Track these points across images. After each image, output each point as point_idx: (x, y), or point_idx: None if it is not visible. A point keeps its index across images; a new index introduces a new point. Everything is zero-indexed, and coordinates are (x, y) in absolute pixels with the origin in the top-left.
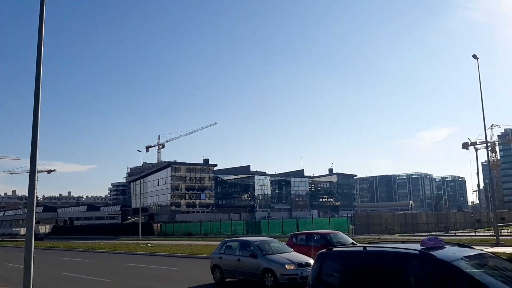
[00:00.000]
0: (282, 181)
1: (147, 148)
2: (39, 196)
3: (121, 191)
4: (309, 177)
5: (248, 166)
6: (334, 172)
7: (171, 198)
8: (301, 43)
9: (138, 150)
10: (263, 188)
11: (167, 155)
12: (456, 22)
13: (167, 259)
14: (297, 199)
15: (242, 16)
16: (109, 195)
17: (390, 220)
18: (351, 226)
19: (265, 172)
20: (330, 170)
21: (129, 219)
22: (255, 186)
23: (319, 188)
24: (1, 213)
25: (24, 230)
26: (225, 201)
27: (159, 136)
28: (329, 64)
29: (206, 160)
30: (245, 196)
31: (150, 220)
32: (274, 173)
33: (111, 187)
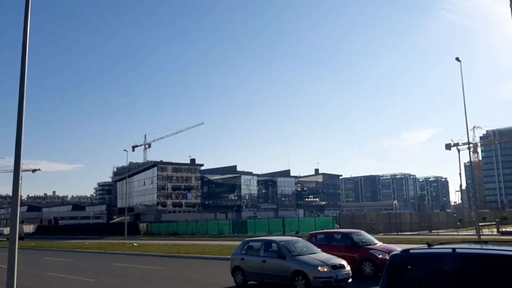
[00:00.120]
0: (269, 181)
1: (134, 148)
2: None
3: (107, 191)
4: (295, 177)
5: (235, 166)
6: (320, 172)
7: (157, 198)
8: (288, 43)
9: (124, 150)
10: (250, 188)
11: (154, 155)
12: (440, 25)
13: (153, 259)
14: (283, 199)
15: (228, 16)
16: (95, 195)
17: (375, 220)
18: (337, 226)
19: (252, 172)
20: (316, 170)
21: (115, 219)
22: (242, 186)
23: (305, 188)
24: None
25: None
26: (212, 201)
27: (146, 136)
28: (315, 65)
29: (193, 160)
30: (232, 196)
31: (136, 220)
32: (261, 173)
33: (97, 187)
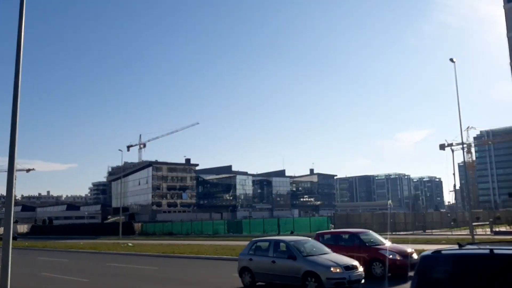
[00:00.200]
0: (264, 181)
1: (128, 148)
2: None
3: (102, 191)
4: (290, 177)
5: (230, 166)
6: (315, 172)
7: (152, 198)
8: (283, 44)
9: (119, 150)
10: (245, 188)
11: (149, 155)
12: (433, 26)
13: (148, 259)
14: (278, 199)
15: (223, 16)
16: (90, 195)
17: (369, 220)
18: (331, 226)
19: (247, 172)
20: (311, 170)
21: (110, 219)
22: (237, 186)
23: (300, 188)
24: None
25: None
26: (207, 201)
27: (141, 136)
28: (310, 65)
29: (188, 160)
30: (227, 196)
31: (131, 220)
32: (256, 173)
33: (92, 187)
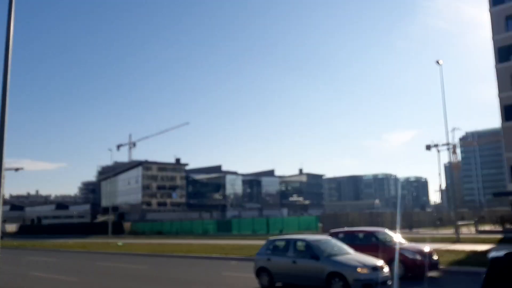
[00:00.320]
0: (253, 181)
1: (118, 147)
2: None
3: (91, 190)
4: (280, 177)
5: (220, 166)
6: (304, 172)
7: (142, 197)
8: (271, 44)
9: (109, 149)
10: (234, 188)
11: (139, 154)
12: (420, 28)
13: (137, 258)
14: (268, 199)
15: (212, 16)
16: (79, 194)
17: (357, 219)
18: (320, 225)
19: (237, 172)
20: (300, 170)
21: (99, 218)
22: (227, 186)
23: (289, 188)
24: None
25: None
26: (197, 200)
27: (131, 135)
28: (298, 66)
29: (178, 160)
30: (217, 196)
31: (121, 219)
32: (245, 173)
33: (81, 186)
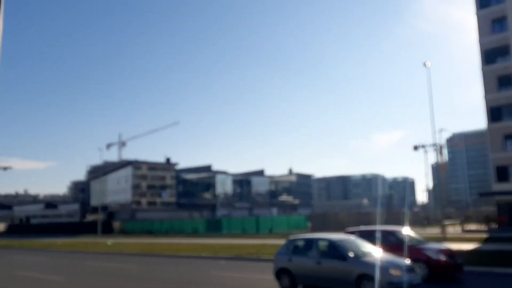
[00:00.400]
0: (243, 180)
1: (108, 146)
2: None
3: (81, 189)
4: (269, 177)
5: (210, 166)
6: (293, 172)
7: (132, 197)
8: (261, 44)
9: (99, 148)
10: (224, 187)
11: (129, 154)
12: (408, 30)
13: (127, 257)
14: (258, 198)
15: (202, 16)
16: (68, 193)
17: (345, 218)
18: (309, 224)
19: (227, 171)
20: (290, 170)
21: (89, 218)
22: (217, 185)
23: (279, 187)
24: None
25: None
26: (187, 200)
27: (120, 134)
28: (287, 67)
29: (168, 159)
30: (207, 195)
31: (110, 219)
32: (236, 173)
33: (70, 185)
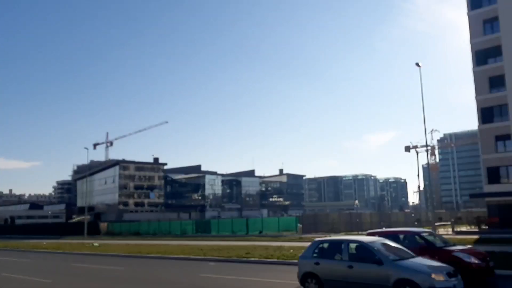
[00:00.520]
0: (233, 181)
1: (95, 146)
2: None
3: (67, 190)
4: (260, 177)
5: (199, 166)
6: (284, 173)
7: (119, 197)
8: (252, 44)
9: (85, 148)
10: (214, 188)
11: (116, 153)
12: (400, 30)
13: (113, 259)
14: (248, 199)
15: (194, 16)
16: (54, 194)
17: (336, 220)
18: (299, 225)
19: (216, 172)
20: (281, 171)
21: (75, 218)
22: (206, 186)
23: (269, 188)
24: None
25: None
26: (175, 201)
27: (108, 134)
28: (279, 67)
29: (156, 159)
30: (195, 196)
31: (97, 220)
32: (225, 173)
33: (56, 185)
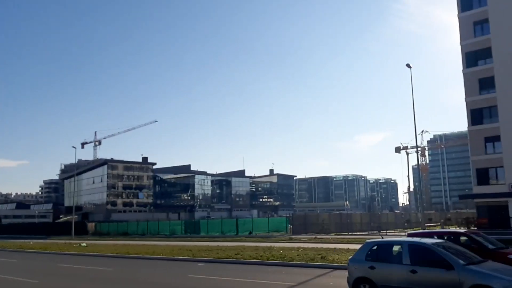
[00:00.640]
0: (223, 181)
1: (83, 145)
2: None
3: (54, 189)
4: (250, 177)
5: (189, 166)
6: (275, 173)
7: (107, 197)
8: (243, 44)
9: (73, 146)
10: (203, 188)
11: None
12: (392, 32)
13: (101, 259)
14: (238, 199)
15: (183, 13)
16: (41, 193)
17: (327, 220)
18: (289, 226)
19: (206, 172)
20: (271, 171)
21: (62, 218)
22: (195, 186)
23: (260, 188)
24: None
25: None
26: (164, 201)
27: (96, 132)
28: (270, 67)
29: (145, 159)
30: (185, 196)
31: (84, 219)
32: (215, 173)
33: (43, 185)
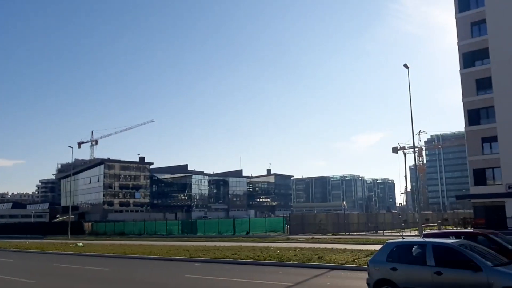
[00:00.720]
0: (220, 181)
1: (79, 144)
2: None
3: (50, 189)
4: (247, 177)
5: (186, 165)
6: (272, 173)
7: (104, 197)
8: (240, 44)
9: (70, 146)
10: (201, 188)
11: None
12: (389, 32)
13: (98, 259)
14: (235, 199)
15: (180, 14)
16: (37, 193)
17: (324, 220)
18: (287, 226)
19: (203, 172)
20: (268, 171)
21: (58, 218)
22: (192, 186)
23: (257, 188)
24: None
25: None
26: (161, 201)
27: (93, 132)
28: (267, 67)
29: (142, 158)
30: (182, 196)
31: (81, 219)
32: (212, 173)
33: (39, 184)
